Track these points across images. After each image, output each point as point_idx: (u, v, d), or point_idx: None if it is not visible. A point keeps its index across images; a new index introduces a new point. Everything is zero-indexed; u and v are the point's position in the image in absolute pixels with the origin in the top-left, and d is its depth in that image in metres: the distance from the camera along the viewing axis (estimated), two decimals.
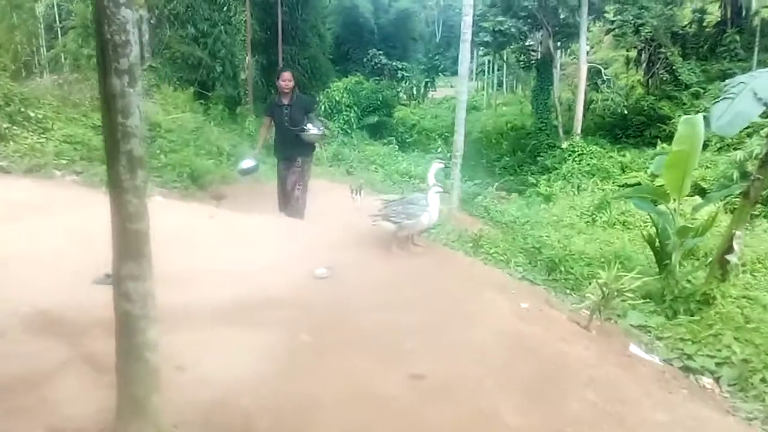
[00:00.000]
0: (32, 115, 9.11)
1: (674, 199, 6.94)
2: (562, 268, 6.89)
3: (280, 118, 7.15)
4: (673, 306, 6.42)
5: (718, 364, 4.49)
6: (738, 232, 6.31)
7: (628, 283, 4.49)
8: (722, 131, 5.40)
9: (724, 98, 5.31)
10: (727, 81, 5.87)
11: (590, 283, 6.87)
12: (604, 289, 4.17)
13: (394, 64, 29.91)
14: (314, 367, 3.06)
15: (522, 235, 8.80)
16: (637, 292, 6.51)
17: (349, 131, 21.12)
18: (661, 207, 7.47)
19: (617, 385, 3.12)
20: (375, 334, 3.45)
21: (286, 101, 7.12)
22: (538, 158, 22.37)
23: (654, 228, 7.50)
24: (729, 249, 6.45)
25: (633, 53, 28.01)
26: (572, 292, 6.45)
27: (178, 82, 18.62)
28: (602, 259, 9.05)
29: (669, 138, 21.70)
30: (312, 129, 6.99)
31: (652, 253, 7.85)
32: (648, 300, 6.36)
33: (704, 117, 6.16)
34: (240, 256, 4.92)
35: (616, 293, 4.27)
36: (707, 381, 4.32)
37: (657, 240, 7.26)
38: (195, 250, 4.85)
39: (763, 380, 4.17)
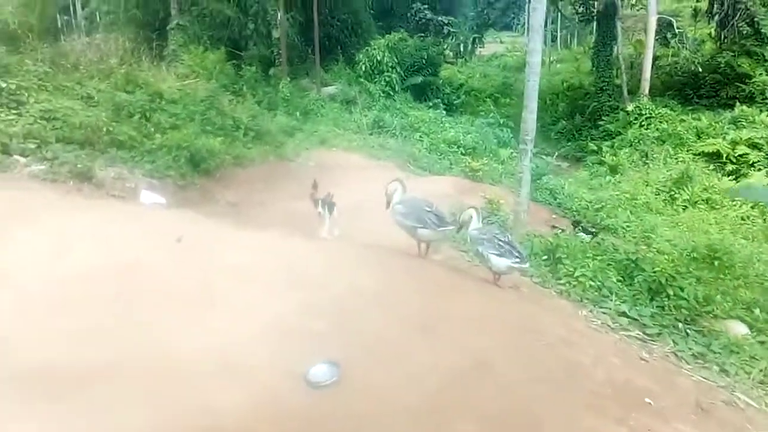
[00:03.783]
0: (3, 85, 7.51)
1: None
2: (670, 292, 5.26)
3: None
4: None
5: None
6: None
7: None
8: None
9: None
10: None
11: (709, 313, 5.30)
12: None
13: (439, 18, 27.71)
14: None
15: (611, 243, 7.15)
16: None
17: (391, 93, 19.45)
18: None
19: None
20: None
21: None
22: (599, 122, 20.28)
23: None
24: None
25: (703, 3, 25.19)
26: (687, 326, 4.89)
27: (208, 42, 17.31)
28: (707, 261, 7.43)
29: (749, 99, 19.35)
30: None
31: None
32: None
33: None
34: (188, 330, 3.13)
35: None
36: None
37: None
38: (114, 318, 3.17)
39: None
